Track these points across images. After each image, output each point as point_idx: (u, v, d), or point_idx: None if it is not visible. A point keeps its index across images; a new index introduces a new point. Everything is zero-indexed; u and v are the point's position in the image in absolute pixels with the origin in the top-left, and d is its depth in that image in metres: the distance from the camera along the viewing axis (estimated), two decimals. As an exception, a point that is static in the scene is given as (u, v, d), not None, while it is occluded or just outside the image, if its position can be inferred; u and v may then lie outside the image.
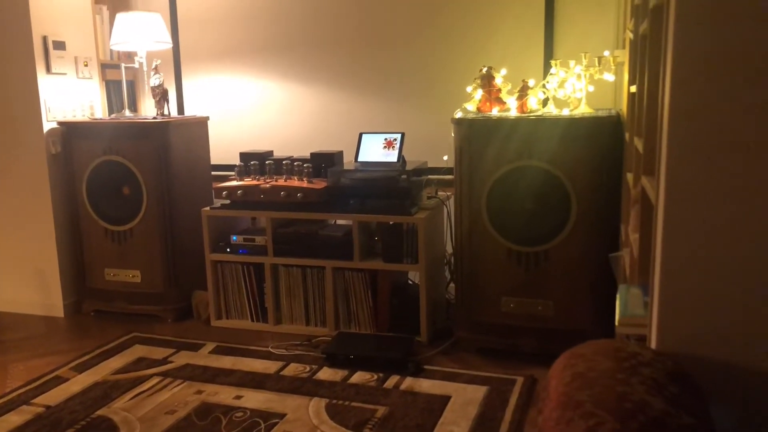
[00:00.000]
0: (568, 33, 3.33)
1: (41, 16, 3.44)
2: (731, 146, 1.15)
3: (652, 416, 0.85)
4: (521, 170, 2.84)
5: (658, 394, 0.91)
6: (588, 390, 0.93)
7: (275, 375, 2.84)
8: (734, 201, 1.17)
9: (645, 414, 0.85)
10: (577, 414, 0.87)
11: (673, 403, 0.89)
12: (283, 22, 3.76)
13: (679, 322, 1.22)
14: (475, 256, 2.98)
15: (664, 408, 0.87)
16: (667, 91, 1.18)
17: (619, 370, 0.98)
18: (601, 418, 0.85)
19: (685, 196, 1.20)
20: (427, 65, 3.55)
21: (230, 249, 3.40)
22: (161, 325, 3.50)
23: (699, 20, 1.12)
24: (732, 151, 1.15)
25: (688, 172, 1.19)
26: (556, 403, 0.95)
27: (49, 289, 3.65)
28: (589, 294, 2.85)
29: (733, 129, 1.15)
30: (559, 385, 1.01)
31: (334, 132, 3.73)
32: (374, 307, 3.22)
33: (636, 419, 0.84)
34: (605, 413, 0.85)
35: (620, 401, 0.88)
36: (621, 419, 0.84)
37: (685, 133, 1.18)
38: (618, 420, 0.84)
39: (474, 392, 2.64)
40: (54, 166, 3.56)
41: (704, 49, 1.13)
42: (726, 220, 1.17)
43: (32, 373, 2.92)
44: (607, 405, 0.87)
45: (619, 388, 0.92)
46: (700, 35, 1.13)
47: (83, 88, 3.74)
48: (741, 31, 1.12)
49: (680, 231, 1.21)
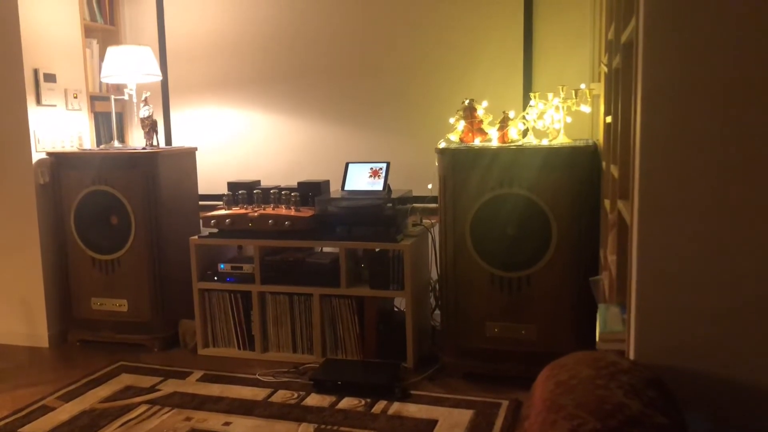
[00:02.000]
0: (546, 66, 3.47)
1: (33, 49, 3.51)
2: (698, 170, 1.25)
3: (629, 415, 0.92)
4: (503, 198, 2.94)
5: (636, 397, 0.98)
6: (570, 395, 0.99)
7: (263, 402, 2.86)
8: (702, 220, 1.26)
9: (623, 414, 0.92)
10: (560, 416, 0.94)
11: (649, 405, 0.96)
12: (268, 55, 3.87)
13: (655, 335, 1.30)
14: (459, 282, 3.05)
15: (640, 409, 0.94)
16: (638, 119, 1.28)
17: (598, 377, 1.05)
18: (582, 419, 0.91)
19: (656, 216, 1.29)
20: (411, 97, 3.66)
21: (218, 277, 3.43)
22: (147, 354, 3.50)
23: (664, 54, 1.23)
24: (699, 173, 1.25)
25: (658, 194, 1.28)
26: (541, 408, 1.01)
27: (34, 319, 3.65)
28: (571, 317, 2.93)
29: (699, 153, 1.25)
30: (543, 392, 1.08)
31: (320, 162, 3.82)
32: (361, 333, 3.26)
33: (615, 418, 0.91)
34: (586, 414, 0.92)
35: (600, 403, 0.94)
36: (601, 419, 0.90)
37: (654, 159, 1.27)
38: (598, 420, 0.90)
39: (460, 416, 2.69)
40: (42, 196, 3.59)
41: (670, 81, 1.24)
42: (695, 238, 1.26)
43: (18, 403, 2.91)
44: (587, 407, 0.94)
45: (598, 392, 0.98)
46: (666, 68, 1.23)
47: (72, 120, 3.80)
48: (703, 64, 1.22)
49: (653, 250, 1.30)
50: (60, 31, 3.69)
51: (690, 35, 1.21)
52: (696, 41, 1.21)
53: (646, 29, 1.23)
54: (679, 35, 1.21)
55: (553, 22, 3.43)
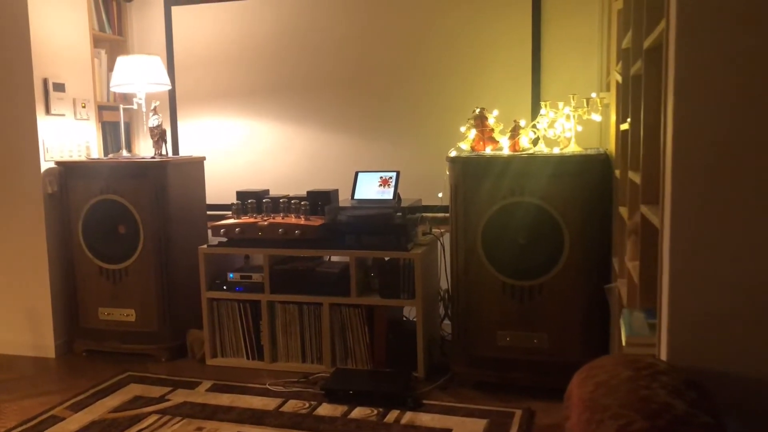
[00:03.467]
0: (554, 76, 3.49)
1: (42, 59, 3.52)
2: (732, 172, 1.25)
3: (676, 415, 0.91)
4: (515, 206, 2.94)
5: (679, 397, 0.97)
6: (613, 395, 0.99)
7: (275, 411, 2.84)
8: (736, 223, 1.26)
9: (670, 413, 0.91)
10: (606, 416, 0.93)
11: (693, 405, 0.96)
12: (276, 64, 3.88)
13: (688, 338, 1.30)
14: (470, 290, 3.04)
15: (686, 409, 0.94)
16: (669, 123, 1.29)
17: (639, 377, 1.04)
18: (630, 418, 0.91)
19: (689, 220, 1.29)
20: (421, 106, 3.68)
21: (226, 287, 3.42)
22: (155, 364, 3.48)
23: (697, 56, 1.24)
24: (733, 176, 1.25)
25: (691, 197, 1.28)
26: (583, 408, 1.01)
27: (41, 329, 3.62)
28: (583, 326, 2.92)
29: (733, 155, 1.25)
30: (582, 393, 1.07)
31: (329, 171, 3.82)
32: (371, 342, 3.25)
33: (662, 418, 0.90)
34: (633, 413, 0.91)
35: (646, 403, 0.94)
36: (649, 418, 0.90)
37: (687, 162, 1.28)
38: (646, 419, 0.90)
39: (474, 425, 2.67)
40: (50, 205, 3.58)
41: (703, 83, 1.24)
42: (729, 240, 1.27)
43: (26, 413, 2.88)
44: (633, 407, 0.93)
45: (642, 392, 0.98)
46: (699, 69, 1.24)
47: (80, 129, 3.79)
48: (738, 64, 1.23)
49: (686, 253, 1.30)
50: (69, 41, 3.69)
51: (723, 35, 1.22)
52: (729, 41, 1.22)
53: (678, 31, 1.24)
54: (712, 36, 1.22)
55: (561, 32, 3.46)
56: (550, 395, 2.87)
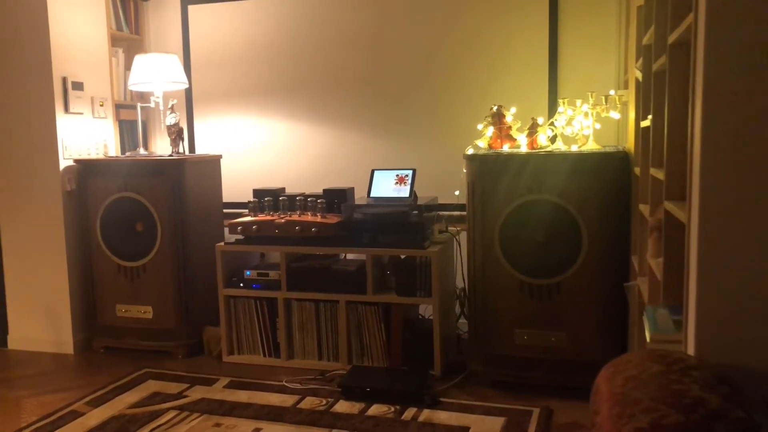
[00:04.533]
0: (571, 74, 3.47)
1: (62, 58, 3.55)
2: (760, 166, 1.24)
3: (711, 409, 0.91)
4: (532, 204, 2.93)
5: (712, 392, 0.97)
6: (644, 389, 0.98)
7: (292, 408, 2.85)
8: (765, 217, 1.25)
9: (704, 407, 0.91)
10: (638, 409, 0.93)
11: (727, 399, 0.95)
12: (292, 62, 3.89)
13: (715, 333, 1.29)
14: (488, 289, 3.03)
15: (720, 404, 0.93)
16: (697, 118, 1.28)
17: (670, 372, 1.04)
18: (663, 411, 0.90)
19: (718, 215, 1.28)
20: (437, 104, 3.67)
21: (243, 284, 3.43)
22: (172, 361, 3.49)
23: (727, 50, 1.23)
24: (761, 170, 1.24)
25: (720, 193, 1.27)
26: (614, 402, 1.00)
27: (60, 326, 3.65)
28: (601, 324, 2.91)
29: (762, 150, 1.24)
30: (612, 387, 1.07)
31: (345, 169, 3.83)
32: (387, 340, 3.25)
33: (697, 412, 0.90)
34: (666, 407, 0.91)
35: (678, 397, 0.93)
36: (683, 412, 0.89)
37: (715, 157, 1.27)
38: (680, 413, 0.89)
39: (492, 423, 2.66)
40: (68, 203, 3.61)
41: (733, 77, 1.23)
42: (757, 234, 1.25)
43: (46, 409, 2.91)
44: (665, 401, 0.93)
45: (674, 386, 0.97)
46: (728, 63, 1.23)
47: (98, 128, 3.82)
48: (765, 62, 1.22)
49: (714, 248, 1.29)
50: (88, 40, 3.72)
51: (753, 30, 1.21)
52: (759, 35, 1.21)
53: (708, 25, 1.23)
54: (741, 30, 1.21)
55: (579, 29, 3.44)
56: (568, 394, 2.86)
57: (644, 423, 0.89)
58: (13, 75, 3.56)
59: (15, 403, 3.01)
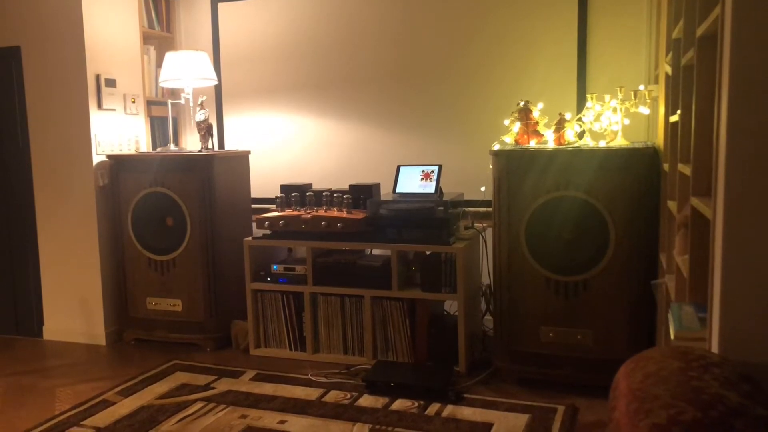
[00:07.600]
0: (600, 69, 3.43)
1: (95, 56, 3.63)
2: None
3: (730, 407, 0.89)
4: (559, 200, 2.90)
5: (732, 389, 0.95)
6: (663, 385, 0.97)
7: (317, 401, 2.87)
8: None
9: (723, 404, 0.89)
10: (656, 405, 0.92)
11: (747, 397, 0.94)
12: (320, 60, 3.92)
13: (741, 331, 1.26)
14: (513, 285, 3.02)
15: (740, 401, 0.92)
16: (723, 112, 1.25)
17: (690, 369, 1.02)
18: (680, 408, 0.89)
19: (743, 211, 1.25)
20: (463, 100, 3.66)
21: (270, 278, 3.47)
22: (200, 353, 3.56)
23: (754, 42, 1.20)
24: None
25: (746, 188, 1.25)
26: (632, 398, 0.99)
27: (93, 318, 3.74)
28: (629, 322, 2.87)
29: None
30: (631, 383, 1.06)
31: (371, 165, 3.84)
32: (412, 336, 3.26)
33: (715, 408, 0.89)
34: (684, 404, 0.90)
35: (697, 394, 0.92)
36: (701, 409, 0.88)
37: (742, 152, 1.24)
38: (698, 410, 0.88)
39: (516, 420, 2.65)
40: (101, 197, 3.69)
41: (760, 70, 1.21)
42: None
43: (80, 397, 2.99)
44: (684, 397, 0.92)
45: (693, 383, 0.96)
46: (755, 56, 1.20)
47: (130, 124, 3.90)
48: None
49: (740, 245, 1.26)
50: (120, 39, 3.80)
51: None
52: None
53: (734, 16, 1.20)
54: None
55: (608, 24, 3.39)
56: (593, 392, 2.83)
57: (662, 419, 0.88)
58: (48, 73, 3.66)
59: (50, 391, 3.10)
